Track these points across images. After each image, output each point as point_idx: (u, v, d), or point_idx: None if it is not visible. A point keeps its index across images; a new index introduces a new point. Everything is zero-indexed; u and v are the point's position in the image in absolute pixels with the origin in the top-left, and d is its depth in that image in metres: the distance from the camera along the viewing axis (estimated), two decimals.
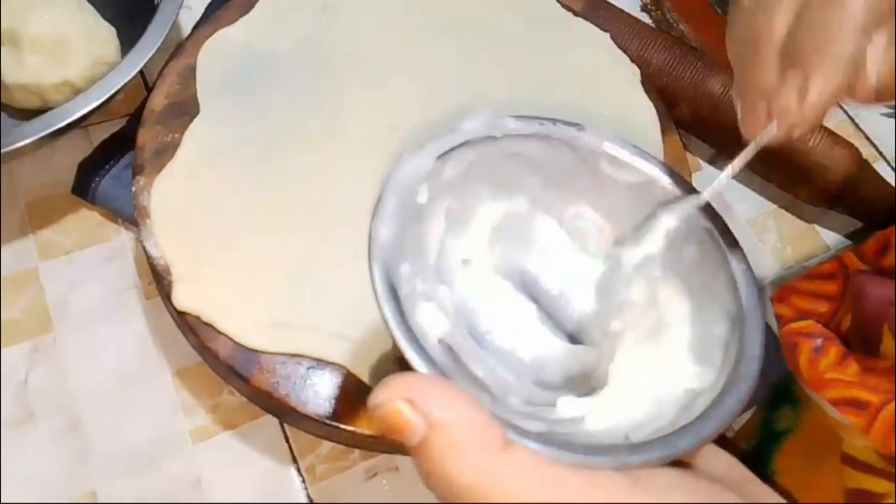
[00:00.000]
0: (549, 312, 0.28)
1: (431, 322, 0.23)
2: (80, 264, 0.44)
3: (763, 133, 0.26)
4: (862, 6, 0.25)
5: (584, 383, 0.26)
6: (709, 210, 0.27)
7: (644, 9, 0.61)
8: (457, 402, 0.20)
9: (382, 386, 0.20)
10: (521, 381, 0.26)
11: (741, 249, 0.26)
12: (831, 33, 0.25)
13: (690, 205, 0.27)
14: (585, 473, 0.20)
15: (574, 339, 0.28)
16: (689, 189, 0.28)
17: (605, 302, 0.28)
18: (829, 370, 0.29)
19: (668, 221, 0.27)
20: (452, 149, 0.25)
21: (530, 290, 0.28)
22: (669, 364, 0.25)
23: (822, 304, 0.33)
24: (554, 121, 0.28)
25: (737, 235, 0.27)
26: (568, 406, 0.24)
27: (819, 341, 0.30)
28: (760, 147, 0.27)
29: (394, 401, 0.20)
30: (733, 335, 0.24)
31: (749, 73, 0.27)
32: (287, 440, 0.41)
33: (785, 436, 0.33)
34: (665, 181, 0.28)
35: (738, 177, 0.52)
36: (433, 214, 0.26)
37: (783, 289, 0.34)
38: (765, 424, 0.35)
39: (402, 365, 0.22)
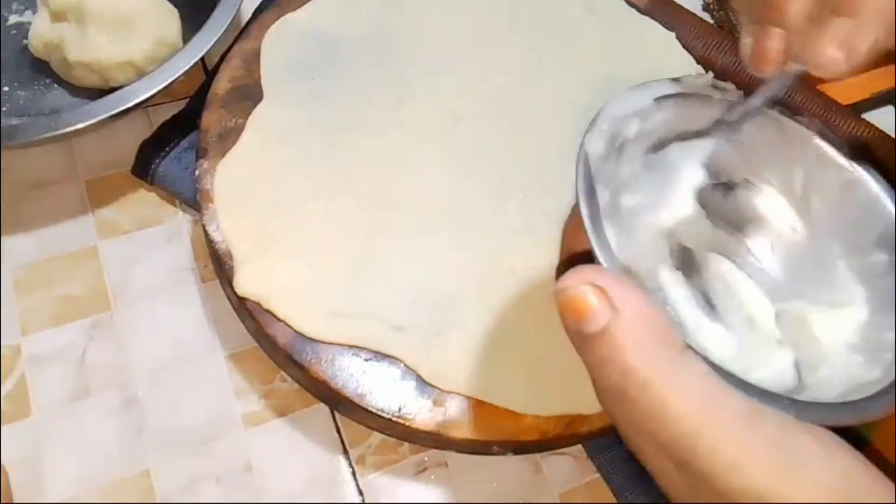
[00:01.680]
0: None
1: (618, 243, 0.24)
2: (139, 244, 0.44)
3: (781, 73, 0.26)
4: None
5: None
6: None
7: (706, 8, 0.60)
8: (640, 299, 0.21)
9: (570, 272, 0.21)
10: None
11: None
12: None
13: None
14: (751, 409, 0.20)
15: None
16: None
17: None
18: None
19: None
20: (669, 96, 0.26)
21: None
22: (838, 347, 0.25)
23: None
24: (772, 102, 0.28)
25: None
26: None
27: None
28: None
29: (582, 285, 0.21)
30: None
31: (772, 10, 0.25)
32: (338, 430, 0.41)
33: (863, 444, 0.33)
34: (868, 185, 0.27)
35: None
36: (636, 156, 0.27)
37: None
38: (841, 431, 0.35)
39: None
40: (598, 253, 0.22)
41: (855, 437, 0.33)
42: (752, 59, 0.26)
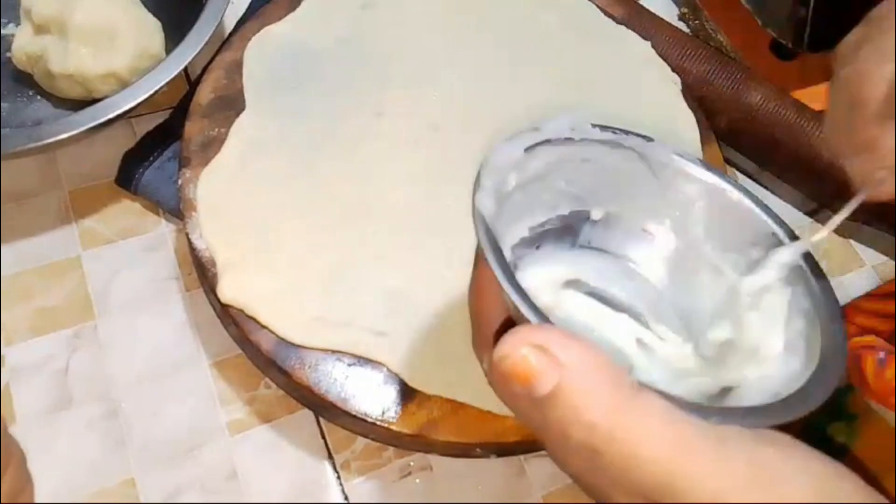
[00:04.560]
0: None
1: (538, 287, 0.24)
2: (122, 254, 0.45)
3: (874, 184, 0.27)
4: None
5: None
6: (772, 215, 0.28)
7: (682, 17, 0.61)
8: (579, 346, 0.20)
9: (505, 338, 0.20)
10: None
11: (811, 254, 0.27)
12: None
13: (797, 246, 0.27)
14: (715, 436, 0.20)
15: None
16: (758, 201, 0.29)
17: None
18: (894, 378, 0.30)
19: (782, 256, 0.27)
20: (536, 144, 0.27)
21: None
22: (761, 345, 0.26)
23: (884, 323, 0.34)
24: (626, 131, 0.29)
25: None
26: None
27: (883, 354, 0.31)
28: (862, 200, 0.27)
29: (521, 348, 0.20)
30: (813, 328, 0.25)
31: (855, 129, 0.28)
32: (323, 435, 0.41)
33: (842, 453, 0.34)
34: (733, 194, 0.29)
35: (774, 189, 0.53)
36: (522, 206, 0.28)
37: (846, 308, 0.35)
38: (819, 440, 0.35)
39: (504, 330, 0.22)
40: (524, 312, 0.21)
41: (836, 446, 0.34)
42: (859, 182, 0.28)
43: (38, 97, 0.48)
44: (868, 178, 0.27)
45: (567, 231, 0.30)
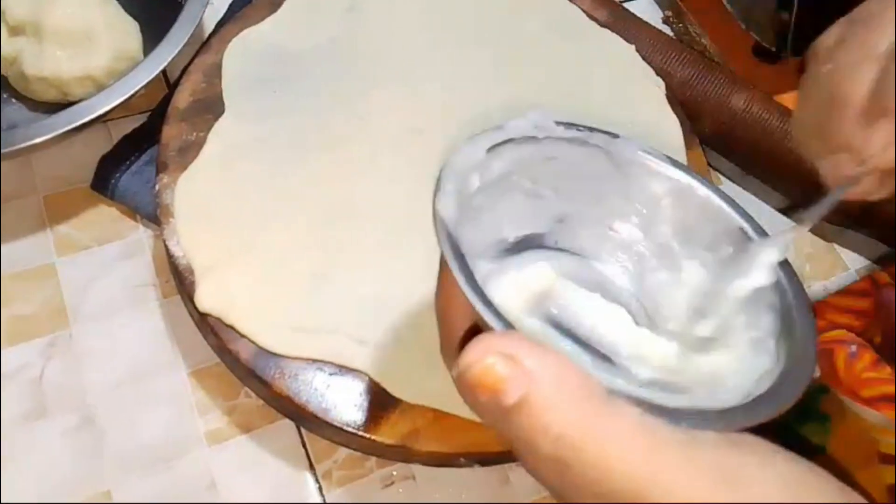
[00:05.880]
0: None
1: (504, 297, 0.24)
2: (98, 260, 0.44)
3: (847, 182, 0.27)
4: None
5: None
6: (740, 211, 0.28)
7: (666, 21, 0.61)
8: (547, 355, 0.19)
9: (471, 346, 0.20)
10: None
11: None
12: None
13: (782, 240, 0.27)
14: (686, 440, 0.20)
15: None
16: (725, 196, 0.28)
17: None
18: (864, 371, 0.30)
19: (768, 255, 0.27)
20: (499, 144, 0.26)
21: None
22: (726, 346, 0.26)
23: (854, 319, 0.34)
24: (591, 128, 0.28)
25: None
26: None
27: (854, 347, 0.31)
28: (838, 199, 0.27)
29: (488, 357, 0.19)
30: (783, 324, 0.25)
31: (832, 128, 0.28)
32: (304, 445, 0.40)
33: (817, 453, 0.34)
34: (700, 190, 0.28)
35: (756, 193, 0.53)
36: (486, 207, 0.27)
37: (817, 305, 0.35)
38: (794, 441, 0.35)
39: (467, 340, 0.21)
40: (488, 320, 0.21)
41: (810, 446, 0.34)
42: (831, 180, 0.28)
43: (13, 100, 0.47)
44: (842, 178, 0.27)
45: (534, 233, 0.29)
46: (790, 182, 0.51)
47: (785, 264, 0.26)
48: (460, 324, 0.24)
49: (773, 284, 0.26)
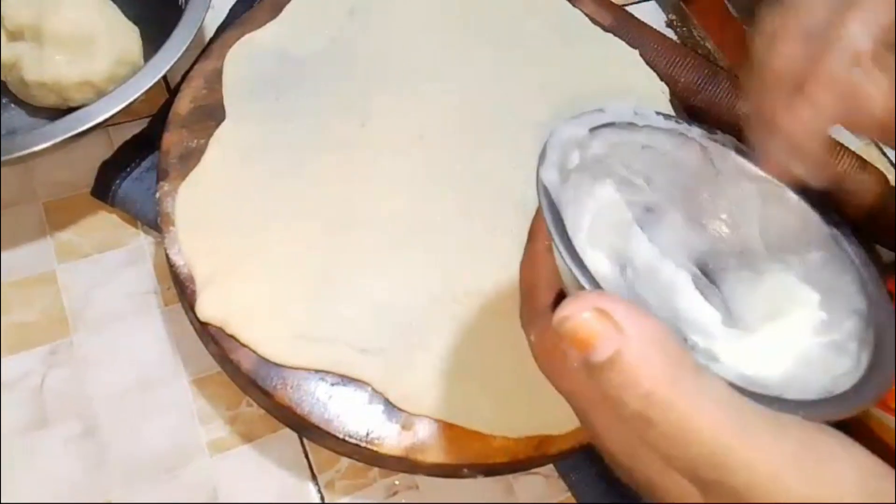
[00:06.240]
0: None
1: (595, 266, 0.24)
2: (99, 267, 0.43)
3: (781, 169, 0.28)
4: (861, 37, 0.25)
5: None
6: (831, 217, 0.28)
7: (669, 24, 0.60)
8: (648, 320, 0.20)
9: (569, 300, 0.20)
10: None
11: (864, 251, 0.27)
12: (827, 60, 0.26)
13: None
14: (773, 418, 0.20)
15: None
16: (816, 203, 0.28)
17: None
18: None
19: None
20: (601, 126, 0.27)
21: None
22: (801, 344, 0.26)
23: None
24: (689, 122, 0.29)
25: None
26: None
27: None
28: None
29: (583, 312, 0.20)
30: (867, 328, 0.25)
31: (760, 106, 0.28)
32: (306, 455, 0.40)
33: None
34: (791, 195, 0.29)
35: None
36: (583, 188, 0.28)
37: None
38: None
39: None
40: (583, 282, 0.22)
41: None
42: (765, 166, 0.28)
43: (12, 105, 0.47)
44: (779, 165, 0.27)
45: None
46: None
47: (869, 267, 0.27)
48: (547, 289, 0.24)
49: (860, 288, 0.27)
